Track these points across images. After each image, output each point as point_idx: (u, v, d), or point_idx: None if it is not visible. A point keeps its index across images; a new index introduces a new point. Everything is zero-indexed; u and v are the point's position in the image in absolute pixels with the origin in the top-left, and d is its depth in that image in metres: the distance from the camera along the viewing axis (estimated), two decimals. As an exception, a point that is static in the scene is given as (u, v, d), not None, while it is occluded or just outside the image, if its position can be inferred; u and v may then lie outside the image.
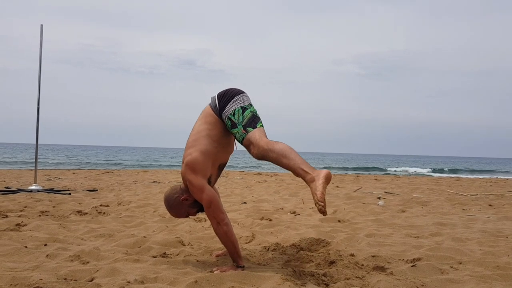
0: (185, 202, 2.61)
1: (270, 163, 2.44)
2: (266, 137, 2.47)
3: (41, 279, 2.18)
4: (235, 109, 2.51)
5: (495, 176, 21.98)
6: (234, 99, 2.55)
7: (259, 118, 2.56)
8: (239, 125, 2.48)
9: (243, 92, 2.62)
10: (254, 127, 2.49)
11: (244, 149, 2.56)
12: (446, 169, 36.39)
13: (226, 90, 2.62)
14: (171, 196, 2.64)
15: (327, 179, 2.28)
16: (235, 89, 2.62)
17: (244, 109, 2.53)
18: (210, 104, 2.64)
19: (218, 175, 2.69)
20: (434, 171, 33.18)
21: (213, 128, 2.57)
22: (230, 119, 2.51)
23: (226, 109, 2.53)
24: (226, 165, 2.77)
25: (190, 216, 2.73)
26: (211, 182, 2.58)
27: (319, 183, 2.25)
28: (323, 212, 2.23)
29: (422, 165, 44.67)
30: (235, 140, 2.69)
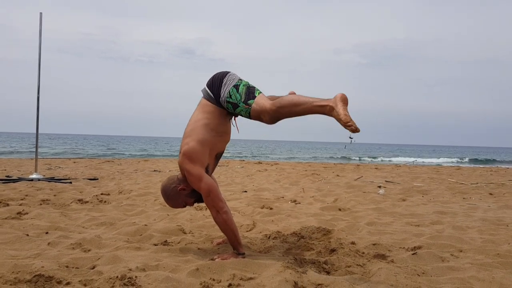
0: (183, 192, 2.60)
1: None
2: (269, 100, 2.45)
3: (42, 267, 2.19)
4: (229, 91, 2.50)
5: (496, 165, 21.99)
6: (224, 82, 2.54)
7: (254, 87, 2.54)
8: (239, 103, 2.47)
9: (228, 72, 2.61)
10: (254, 97, 2.47)
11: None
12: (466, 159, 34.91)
13: (212, 77, 2.61)
14: (168, 186, 2.63)
15: (344, 101, 2.23)
16: (219, 73, 2.61)
17: (237, 86, 2.51)
18: (203, 97, 2.63)
19: (215, 165, 2.68)
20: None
21: (211, 117, 2.56)
22: (229, 102, 2.49)
23: (221, 94, 2.52)
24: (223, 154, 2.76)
25: (188, 206, 2.73)
26: (208, 171, 2.56)
27: (338, 108, 2.20)
28: (355, 130, 2.16)
29: (429, 155, 44.22)
30: (230, 129, 2.68)
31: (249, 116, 2.49)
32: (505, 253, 2.69)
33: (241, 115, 2.54)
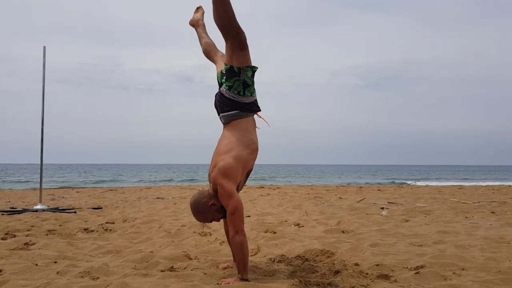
0: (213, 207, 2.63)
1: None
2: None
3: (53, 295, 2.23)
4: (227, 87, 2.69)
5: (498, 183, 21.95)
6: (220, 103, 2.74)
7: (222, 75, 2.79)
8: (226, 81, 2.69)
9: (214, 98, 2.82)
10: (225, 67, 2.69)
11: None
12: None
13: (216, 108, 2.82)
14: (199, 201, 2.65)
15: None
16: (215, 101, 2.82)
17: (224, 79, 2.73)
18: (226, 123, 2.76)
19: (245, 183, 2.77)
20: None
21: (243, 132, 2.68)
22: (230, 86, 2.67)
23: (229, 97, 2.68)
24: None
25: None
26: (238, 189, 2.64)
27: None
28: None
29: (431, 176, 43.31)
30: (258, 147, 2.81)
31: (226, 67, 2.65)
32: (507, 270, 2.73)
33: (236, 74, 2.66)
